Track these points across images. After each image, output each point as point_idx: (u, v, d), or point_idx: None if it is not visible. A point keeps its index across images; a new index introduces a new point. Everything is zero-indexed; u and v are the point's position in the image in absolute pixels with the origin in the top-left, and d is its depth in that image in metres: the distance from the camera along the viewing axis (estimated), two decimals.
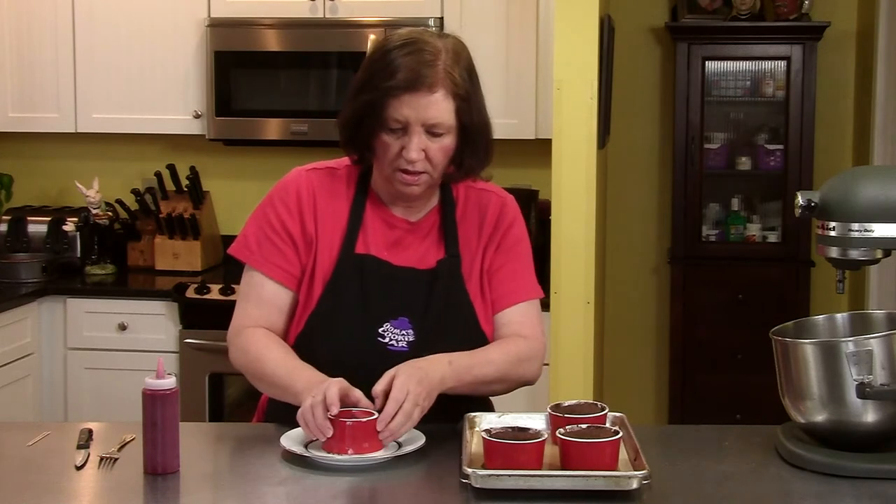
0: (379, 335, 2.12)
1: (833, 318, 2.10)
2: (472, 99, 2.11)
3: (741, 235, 4.91)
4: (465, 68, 2.11)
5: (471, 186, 2.26)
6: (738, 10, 4.75)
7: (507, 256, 2.24)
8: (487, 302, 2.21)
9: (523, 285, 2.25)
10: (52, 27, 4.36)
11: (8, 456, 2.01)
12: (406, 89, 2.04)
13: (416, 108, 2.05)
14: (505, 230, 2.24)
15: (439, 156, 2.10)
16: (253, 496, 1.82)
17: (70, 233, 4.45)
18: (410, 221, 2.20)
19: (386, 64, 2.07)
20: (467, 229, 2.22)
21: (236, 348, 2.19)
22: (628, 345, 5.11)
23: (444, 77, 2.06)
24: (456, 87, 2.07)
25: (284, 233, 2.17)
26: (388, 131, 2.08)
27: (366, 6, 4.17)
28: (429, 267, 2.17)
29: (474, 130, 2.12)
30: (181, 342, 4.05)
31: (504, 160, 4.48)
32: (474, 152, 2.15)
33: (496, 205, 2.25)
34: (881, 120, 4.62)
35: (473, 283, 2.20)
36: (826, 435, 1.93)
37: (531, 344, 2.20)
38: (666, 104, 4.99)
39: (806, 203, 1.98)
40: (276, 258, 2.17)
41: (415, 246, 2.19)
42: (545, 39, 4.03)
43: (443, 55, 2.07)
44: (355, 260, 2.15)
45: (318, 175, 2.22)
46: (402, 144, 2.07)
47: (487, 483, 1.75)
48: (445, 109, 2.07)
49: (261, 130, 4.28)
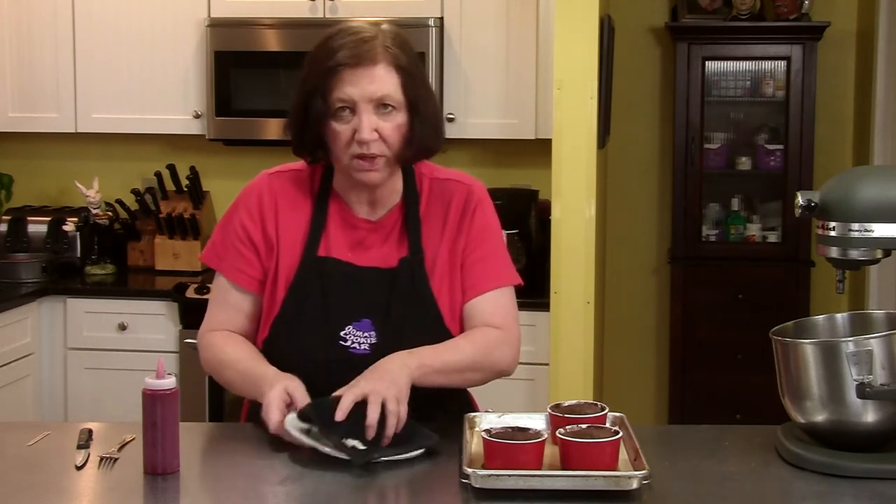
0: (341, 338, 2.11)
1: (833, 318, 2.10)
2: (416, 74, 2.10)
3: (741, 235, 4.91)
4: (406, 47, 2.11)
5: (435, 178, 2.22)
6: (738, 10, 4.75)
7: (475, 244, 2.19)
8: (455, 297, 2.17)
9: (492, 273, 2.19)
10: (52, 27, 4.37)
11: (8, 456, 2.01)
12: (347, 65, 2.04)
13: (360, 84, 2.04)
14: (471, 217, 2.19)
15: (394, 135, 2.07)
16: (253, 496, 1.82)
17: (70, 233, 4.45)
18: (372, 221, 2.18)
19: (325, 49, 2.08)
20: (431, 223, 2.19)
21: (202, 350, 2.24)
22: (628, 345, 5.11)
23: (383, 51, 2.06)
24: (398, 60, 2.07)
25: (247, 238, 2.19)
26: (337, 118, 2.06)
27: (366, 6, 4.17)
28: (391, 266, 2.15)
29: (422, 104, 2.10)
30: (181, 342, 4.05)
31: (504, 160, 4.55)
32: (425, 128, 2.11)
33: (461, 193, 2.21)
34: (881, 120, 4.62)
35: (438, 280, 2.16)
36: (826, 435, 1.92)
37: (502, 332, 2.16)
38: (666, 104, 5.00)
39: (806, 203, 1.98)
40: (239, 263, 2.19)
41: (377, 246, 2.17)
42: (545, 39, 4.03)
43: (380, 35, 2.08)
44: (316, 263, 2.14)
45: (281, 179, 2.22)
46: (353, 128, 2.06)
47: (487, 483, 1.75)
48: (390, 82, 2.06)
49: (261, 130, 4.29)
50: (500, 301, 2.19)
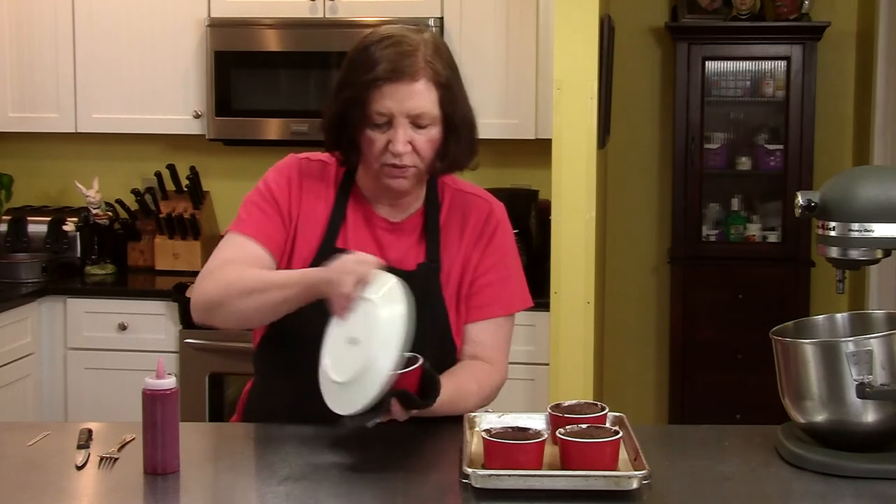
0: None
1: (833, 318, 2.10)
2: (455, 89, 2.10)
3: (741, 235, 4.91)
4: (446, 60, 2.10)
5: (458, 189, 2.24)
6: (738, 10, 4.75)
7: (489, 265, 2.20)
8: (461, 311, 2.19)
9: (502, 299, 2.21)
10: (52, 27, 4.36)
11: (8, 456, 2.01)
12: (387, 80, 2.03)
13: (399, 99, 2.04)
14: (489, 237, 2.21)
15: (426, 148, 2.09)
16: (253, 496, 1.83)
17: (70, 233, 4.45)
18: (392, 222, 2.19)
19: (366, 58, 2.07)
20: (449, 234, 2.20)
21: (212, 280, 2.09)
22: (628, 345, 5.11)
23: (424, 66, 2.05)
24: (437, 76, 2.06)
25: (273, 201, 2.16)
26: (373, 126, 2.07)
27: (366, 6, 4.17)
28: (407, 269, 2.15)
29: (458, 121, 2.10)
30: (181, 342, 4.05)
31: (504, 160, 4.55)
32: (459, 144, 2.12)
33: (482, 209, 2.22)
34: (881, 120, 4.62)
35: (450, 291, 2.18)
36: (826, 435, 1.92)
37: (499, 374, 2.20)
38: (666, 104, 5.00)
39: (806, 203, 1.98)
40: (263, 223, 2.15)
41: (395, 246, 2.18)
42: (545, 39, 4.03)
43: (422, 47, 2.07)
44: (333, 254, 2.14)
45: (311, 165, 2.22)
46: (387, 139, 2.06)
47: (487, 483, 1.75)
48: (429, 99, 2.06)
49: (261, 130, 4.29)
50: (500, 333, 2.22)
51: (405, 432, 2.04)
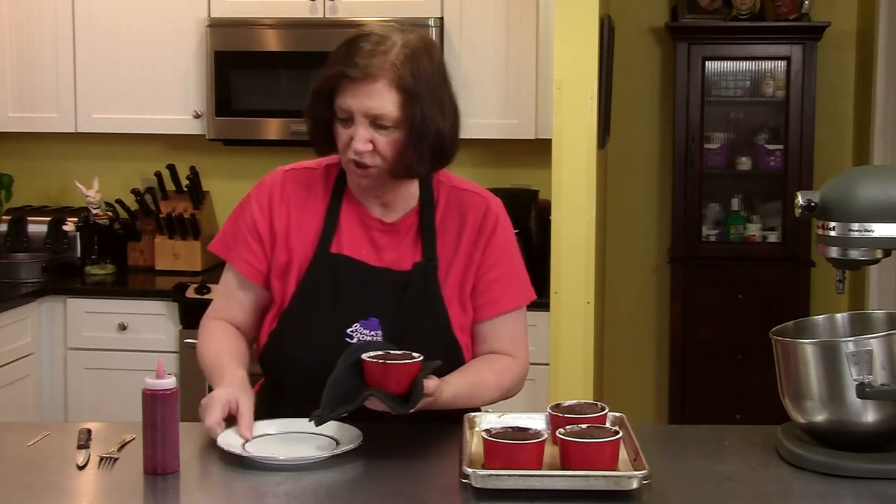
0: (347, 335, 2.12)
1: (833, 318, 2.10)
2: (424, 96, 2.05)
3: (741, 235, 4.91)
4: (422, 66, 2.06)
5: (453, 187, 2.23)
6: (738, 10, 4.75)
7: (493, 262, 2.20)
8: (466, 309, 2.19)
9: (511, 293, 2.22)
10: (52, 27, 4.36)
11: (8, 456, 2.01)
12: (349, 76, 2.04)
13: (358, 97, 2.04)
14: (490, 234, 2.20)
15: (388, 150, 2.07)
16: (253, 496, 1.83)
17: (70, 233, 4.45)
18: (386, 222, 2.19)
19: (341, 52, 2.09)
20: (446, 232, 2.19)
21: (199, 335, 2.29)
22: (628, 345, 5.11)
23: (389, 68, 2.03)
24: (401, 80, 2.03)
25: (255, 231, 2.21)
26: (339, 121, 2.09)
27: (366, 6, 4.17)
28: (404, 269, 2.15)
29: (421, 129, 2.06)
30: (181, 342, 4.05)
31: (504, 160, 4.55)
32: (416, 152, 2.08)
33: (479, 206, 2.22)
34: (881, 120, 4.62)
35: (449, 289, 2.17)
36: (826, 435, 1.92)
37: (519, 365, 2.24)
38: (666, 104, 5.00)
39: (806, 203, 1.98)
40: (244, 254, 2.21)
41: (391, 247, 2.18)
42: (545, 39, 4.03)
43: (397, 49, 2.05)
44: (329, 259, 2.15)
45: (296, 175, 2.23)
46: (350, 135, 2.07)
47: (487, 483, 1.75)
48: (388, 101, 2.04)
49: (261, 130, 4.29)
50: (516, 326, 2.24)
51: (405, 432, 2.04)
